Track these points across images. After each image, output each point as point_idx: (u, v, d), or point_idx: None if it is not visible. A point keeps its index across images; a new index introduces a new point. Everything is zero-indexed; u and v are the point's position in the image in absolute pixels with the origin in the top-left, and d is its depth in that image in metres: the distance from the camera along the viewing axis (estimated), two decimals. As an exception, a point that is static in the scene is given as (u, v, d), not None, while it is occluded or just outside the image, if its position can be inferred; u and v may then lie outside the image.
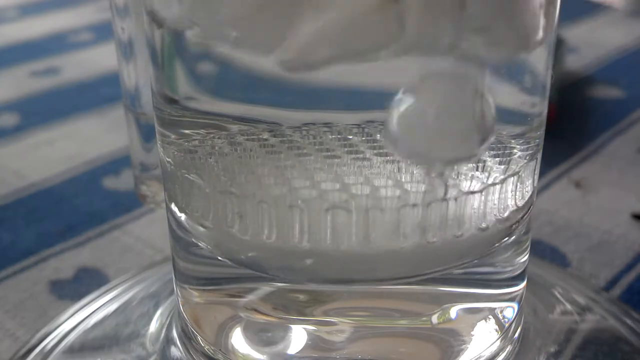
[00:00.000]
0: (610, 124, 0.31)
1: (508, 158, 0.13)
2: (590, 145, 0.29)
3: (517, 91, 0.13)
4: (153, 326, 0.17)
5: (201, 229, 0.14)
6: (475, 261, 0.14)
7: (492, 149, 0.13)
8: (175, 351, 0.16)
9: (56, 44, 0.43)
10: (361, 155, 0.13)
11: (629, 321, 0.17)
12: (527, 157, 0.14)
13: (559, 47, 0.34)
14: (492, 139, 0.12)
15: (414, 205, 0.12)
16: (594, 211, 0.25)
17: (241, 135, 0.13)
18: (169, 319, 0.17)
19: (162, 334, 0.17)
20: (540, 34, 0.12)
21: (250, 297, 0.14)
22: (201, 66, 0.13)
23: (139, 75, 0.17)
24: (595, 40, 0.41)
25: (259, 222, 0.13)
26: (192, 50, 0.13)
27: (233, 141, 0.13)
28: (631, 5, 0.47)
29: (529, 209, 0.14)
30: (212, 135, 0.13)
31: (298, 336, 0.14)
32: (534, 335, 0.16)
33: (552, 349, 0.16)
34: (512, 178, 0.13)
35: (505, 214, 0.14)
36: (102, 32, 0.45)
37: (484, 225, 0.13)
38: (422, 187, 0.12)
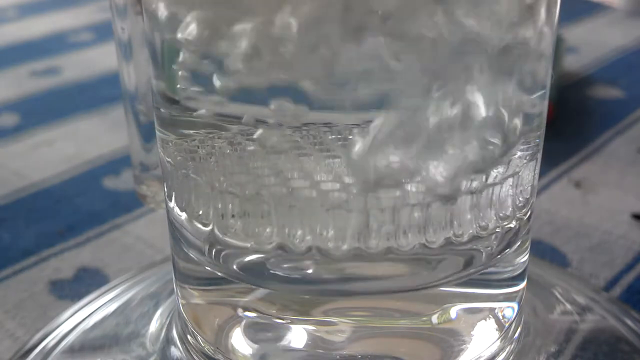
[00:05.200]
0: (610, 124, 0.31)
1: (508, 158, 0.13)
2: (590, 146, 0.29)
3: (517, 91, 0.13)
4: (153, 326, 0.17)
5: (202, 228, 0.14)
6: (476, 260, 0.14)
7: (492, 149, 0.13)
8: (175, 351, 0.16)
9: (56, 43, 0.43)
10: None
11: (628, 321, 0.17)
12: (527, 157, 0.14)
13: (559, 47, 0.34)
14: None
15: (414, 205, 0.12)
16: (594, 211, 0.25)
17: (241, 135, 0.13)
18: (168, 319, 0.17)
19: (162, 334, 0.17)
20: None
21: (250, 297, 0.14)
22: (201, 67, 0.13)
23: (139, 75, 0.17)
24: (595, 41, 0.41)
25: (259, 222, 0.13)
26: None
27: (233, 141, 0.13)
28: (631, 6, 0.47)
29: (529, 209, 0.14)
30: (212, 135, 0.13)
31: (298, 336, 0.14)
32: (534, 335, 0.16)
33: (552, 349, 0.16)
34: (512, 178, 0.13)
35: (505, 214, 0.14)
36: (101, 32, 0.45)
37: (483, 224, 0.13)
38: (422, 187, 0.12)
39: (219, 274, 0.14)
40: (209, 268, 0.14)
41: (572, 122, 0.31)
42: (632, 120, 0.31)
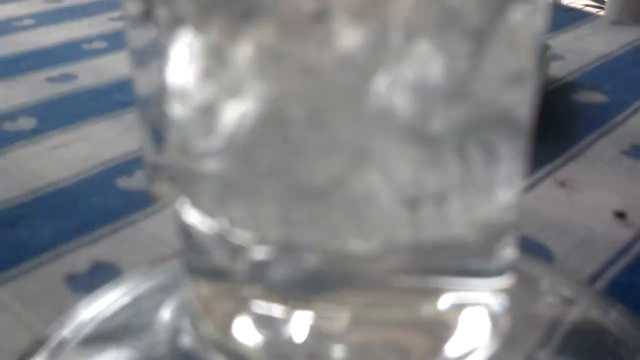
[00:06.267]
0: (594, 127, 0.31)
1: (494, 159, 0.13)
2: (575, 147, 0.29)
3: (504, 95, 0.13)
4: (164, 316, 0.17)
5: (210, 224, 0.14)
6: (465, 255, 0.14)
7: (481, 150, 0.13)
8: (185, 339, 0.16)
9: (71, 51, 0.43)
10: None
11: (611, 314, 0.18)
12: (514, 158, 0.14)
13: (545, 54, 0.34)
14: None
15: (407, 203, 0.13)
16: (578, 209, 0.25)
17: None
18: (179, 309, 0.17)
19: (173, 324, 0.17)
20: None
21: (256, 289, 0.14)
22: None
23: (150, 82, 0.17)
24: (580, 48, 0.41)
25: (265, 220, 0.13)
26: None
27: (242, 142, 0.13)
28: (614, 15, 0.47)
29: (516, 207, 0.15)
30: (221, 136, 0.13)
31: (300, 325, 0.14)
32: (522, 326, 0.16)
33: (539, 340, 0.16)
34: (499, 178, 0.14)
35: (494, 212, 0.14)
36: (114, 40, 0.45)
37: (474, 221, 0.13)
38: (416, 186, 0.13)
39: (226, 267, 0.14)
40: (216, 262, 0.14)
41: (557, 125, 0.31)
42: (615, 123, 0.31)
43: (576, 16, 0.47)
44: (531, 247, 0.22)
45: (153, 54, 0.17)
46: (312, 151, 0.12)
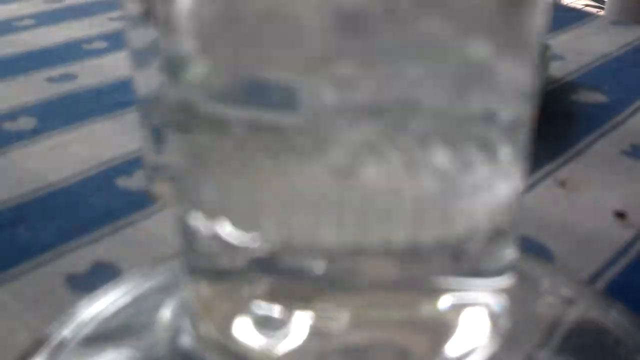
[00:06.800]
0: (594, 127, 0.31)
1: (495, 159, 0.13)
2: (575, 147, 0.29)
3: (504, 95, 0.13)
4: (164, 316, 0.17)
5: (209, 224, 0.14)
6: (465, 255, 0.14)
7: (480, 150, 0.13)
8: (185, 340, 0.16)
9: (71, 51, 0.43)
10: None
11: (611, 314, 0.18)
12: (514, 158, 0.14)
13: (545, 54, 0.34)
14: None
15: (406, 201, 0.13)
16: (578, 209, 0.25)
17: (250, 137, 0.13)
18: (179, 309, 0.17)
19: (173, 324, 0.17)
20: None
21: (256, 290, 0.14)
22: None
23: (151, 82, 0.17)
24: (580, 48, 0.41)
25: (264, 220, 0.13)
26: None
27: (242, 144, 0.13)
28: (614, 15, 0.47)
29: (516, 207, 0.15)
30: (222, 137, 0.13)
31: (301, 325, 0.14)
32: (522, 326, 0.16)
33: (539, 340, 0.16)
34: (499, 178, 0.14)
35: (494, 212, 0.14)
36: (114, 40, 0.45)
37: (474, 222, 0.13)
38: (415, 185, 0.13)
39: (227, 266, 0.14)
40: (216, 262, 0.14)
41: (557, 125, 0.31)
42: (615, 124, 0.31)
43: (576, 16, 0.47)
44: (531, 247, 0.22)
45: (153, 54, 0.17)
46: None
